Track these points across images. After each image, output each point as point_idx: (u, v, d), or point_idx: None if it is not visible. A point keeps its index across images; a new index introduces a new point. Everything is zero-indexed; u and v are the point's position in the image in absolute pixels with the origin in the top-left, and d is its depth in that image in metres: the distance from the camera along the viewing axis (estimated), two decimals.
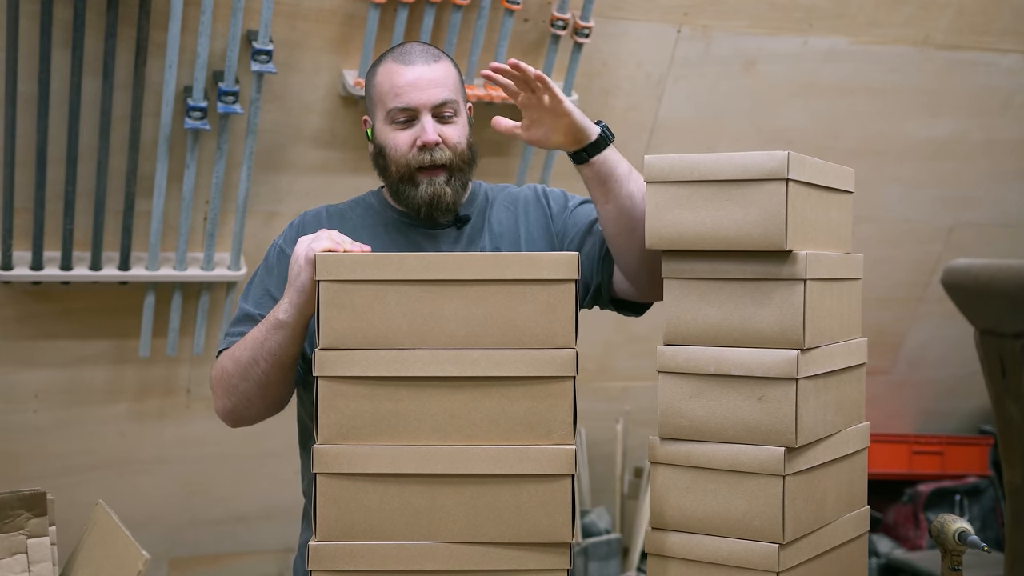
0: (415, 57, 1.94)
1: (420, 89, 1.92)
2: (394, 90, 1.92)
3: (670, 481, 1.68)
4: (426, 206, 1.93)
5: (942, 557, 1.80)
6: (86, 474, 3.46)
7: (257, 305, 1.95)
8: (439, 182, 1.92)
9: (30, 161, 2.98)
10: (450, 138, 1.93)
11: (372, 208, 2.03)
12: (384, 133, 1.95)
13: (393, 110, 1.93)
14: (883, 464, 4.38)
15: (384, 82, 1.94)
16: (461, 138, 1.95)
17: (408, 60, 1.94)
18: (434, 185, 1.92)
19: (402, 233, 1.99)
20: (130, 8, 2.94)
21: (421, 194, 1.93)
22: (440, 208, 1.94)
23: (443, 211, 1.95)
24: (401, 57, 1.95)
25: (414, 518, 1.60)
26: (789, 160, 1.59)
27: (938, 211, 4.25)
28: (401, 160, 1.93)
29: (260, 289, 1.97)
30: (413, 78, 1.92)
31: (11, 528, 1.88)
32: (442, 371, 1.60)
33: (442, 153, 1.92)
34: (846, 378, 1.77)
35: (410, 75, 1.92)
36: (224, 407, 1.91)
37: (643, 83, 3.62)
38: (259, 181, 3.28)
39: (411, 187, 1.93)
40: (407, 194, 1.94)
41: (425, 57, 1.94)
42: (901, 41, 3.84)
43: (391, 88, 1.93)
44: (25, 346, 3.27)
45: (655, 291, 1.89)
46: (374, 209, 2.03)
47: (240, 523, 3.74)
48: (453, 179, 1.93)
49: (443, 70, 1.95)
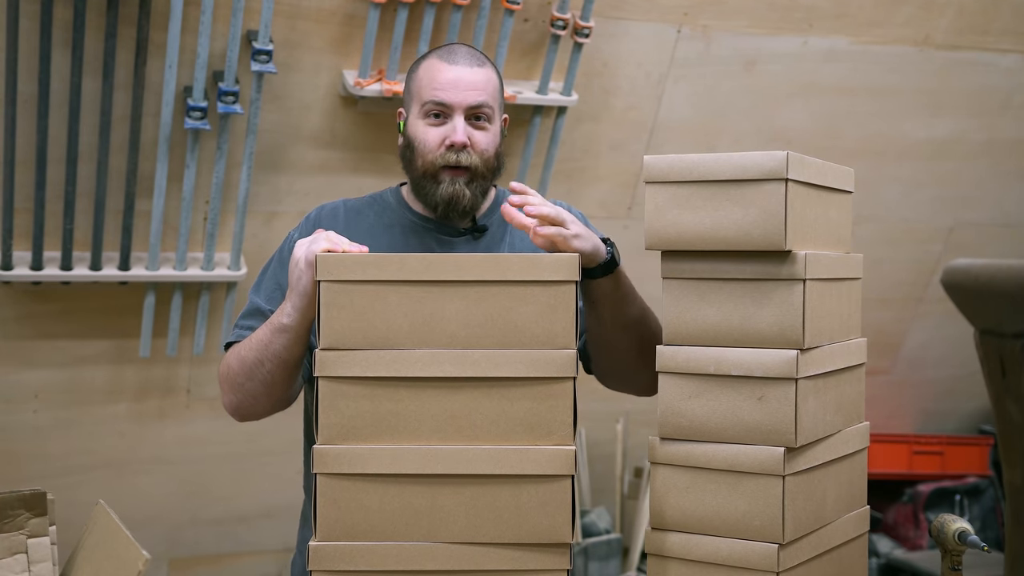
0: (459, 58, 1.94)
1: (458, 89, 1.92)
2: (433, 85, 1.92)
3: (670, 481, 1.68)
4: (444, 204, 1.93)
5: (942, 557, 1.80)
6: (86, 474, 3.46)
7: (268, 299, 1.95)
8: (460, 183, 1.92)
9: (30, 161, 2.98)
10: (479, 143, 1.93)
11: (389, 207, 2.02)
12: (416, 127, 1.95)
13: (428, 104, 1.92)
14: (883, 464, 4.38)
15: (425, 76, 1.94)
16: (490, 145, 1.94)
17: (452, 59, 1.94)
18: (455, 185, 1.92)
19: (417, 236, 1.98)
20: (130, 8, 2.94)
21: (442, 192, 1.92)
22: (457, 209, 1.93)
23: (460, 213, 1.94)
24: (446, 55, 1.95)
25: (414, 518, 1.60)
26: (789, 160, 1.59)
27: (938, 211, 4.25)
28: (428, 156, 1.92)
29: (272, 283, 1.97)
30: (453, 77, 1.92)
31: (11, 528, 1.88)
32: (442, 371, 1.60)
33: (468, 156, 1.92)
34: (846, 378, 1.77)
35: (451, 73, 1.92)
36: (231, 402, 1.92)
37: (643, 83, 3.62)
38: (259, 181, 3.28)
39: (433, 184, 1.93)
40: (427, 190, 1.94)
41: (469, 60, 1.95)
42: (901, 41, 3.84)
43: (430, 83, 1.93)
44: (25, 346, 3.27)
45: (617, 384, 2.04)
46: (391, 208, 2.02)
47: (240, 523, 3.74)
48: (474, 183, 1.93)
49: (484, 75, 1.95)
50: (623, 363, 1.96)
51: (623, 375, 2.00)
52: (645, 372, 1.89)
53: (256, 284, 1.99)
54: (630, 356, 1.93)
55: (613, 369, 1.99)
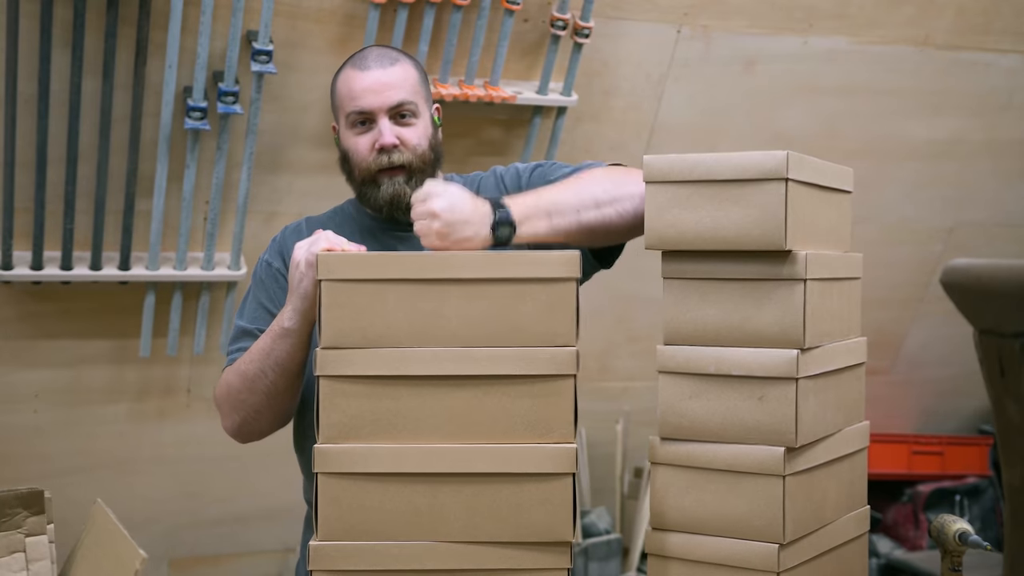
0: (370, 62, 1.97)
1: (375, 92, 1.94)
2: (351, 95, 1.96)
3: (670, 481, 1.68)
4: (387, 206, 1.96)
5: (942, 557, 1.80)
6: (86, 474, 3.46)
7: (253, 320, 1.97)
8: (399, 182, 1.95)
9: (30, 161, 2.98)
10: (409, 140, 1.95)
11: (348, 215, 2.06)
12: (346, 138, 1.98)
13: (351, 114, 1.96)
14: (883, 464, 4.37)
15: (342, 88, 1.98)
16: (421, 139, 1.97)
17: (364, 65, 1.96)
18: (394, 185, 1.95)
19: (374, 236, 2.00)
20: (130, 8, 2.94)
21: (382, 194, 1.96)
22: (401, 207, 1.95)
23: (404, 210, 1.93)
24: (358, 63, 1.98)
25: (415, 517, 1.60)
26: (788, 160, 1.59)
27: (938, 211, 4.25)
28: (363, 163, 1.96)
29: (254, 304, 1.99)
30: (369, 83, 1.95)
31: (9, 526, 1.88)
32: (443, 370, 1.60)
33: (400, 154, 1.95)
34: (846, 378, 1.77)
35: (366, 80, 1.95)
36: (232, 423, 1.92)
37: (643, 83, 3.62)
38: (259, 181, 3.28)
39: (373, 188, 1.97)
40: (370, 195, 1.98)
41: (381, 61, 1.97)
42: (901, 41, 3.84)
43: (348, 93, 1.96)
44: (25, 346, 3.27)
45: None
46: (350, 216, 2.06)
47: (240, 524, 3.74)
48: (413, 179, 1.95)
49: (400, 72, 1.96)
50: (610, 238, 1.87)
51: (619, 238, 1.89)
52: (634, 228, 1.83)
53: (240, 311, 2.02)
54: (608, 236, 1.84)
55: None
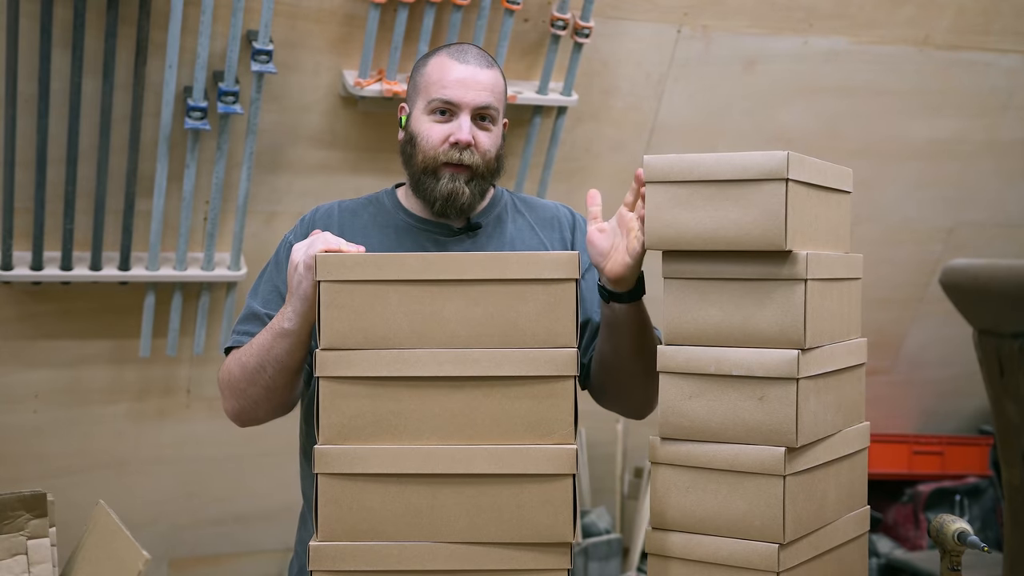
0: (470, 57, 1.95)
1: (467, 88, 1.92)
2: (442, 82, 1.92)
3: (670, 481, 1.68)
4: (442, 200, 1.92)
5: (941, 557, 1.80)
6: (86, 474, 3.46)
7: (265, 303, 1.94)
8: (460, 180, 1.92)
9: (30, 161, 2.98)
10: (483, 143, 1.93)
11: (384, 208, 2.02)
12: (420, 122, 1.95)
13: (435, 100, 1.92)
14: (883, 464, 4.38)
15: (434, 73, 1.94)
16: (492, 147, 1.95)
17: (463, 58, 1.94)
18: (456, 182, 1.92)
19: (411, 236, 1.98)
20: (130, 8, 2.94)
21: (441, 188, 1.92)
22: (455, 206, 1.93)
23: (457, 210, 1.93)
24: (457, 54, 1.95)
25: (415, 518, 1.60)
26: (789, 160, 1.59)
27: (938, 211, 4.25)
28: (431, 152, 1.92)
29: (269, 286, 1.96)
30: (463, 75, 1.92)
31: (11, 529, 1.88)
32: (443, 371, 1.60)
33: (471, 155, 1.92)
34: (846, 378, 1.77)
35: (461, 72, 1.92)
36: (232, 408, 1.92)
37: (643, 83, 3.62)
38: (259, 181, 3.28)
39: (432, 179, 1.93)
40: (427, 186, 1.93)
41: (479, 60, 1.95)
42: (901, 41, 3.84)
43: (439, 79, 1.93)
44: (25, 346, 3.27)
45: (614, 405, 2.00)
46: (386, 209, 2.02)
47: (240, 523, 3.74)
48: (474, 182, 1.93)
49: (493, 77, 1.95)
50: (628, 387, 1.94)
51: (623, 398, 1.98)
52: (646, 395, 1.91)
53: (253, 288, 1.99)
54: (636, 381, 1.91)
55: (616, 392, 1.97)
